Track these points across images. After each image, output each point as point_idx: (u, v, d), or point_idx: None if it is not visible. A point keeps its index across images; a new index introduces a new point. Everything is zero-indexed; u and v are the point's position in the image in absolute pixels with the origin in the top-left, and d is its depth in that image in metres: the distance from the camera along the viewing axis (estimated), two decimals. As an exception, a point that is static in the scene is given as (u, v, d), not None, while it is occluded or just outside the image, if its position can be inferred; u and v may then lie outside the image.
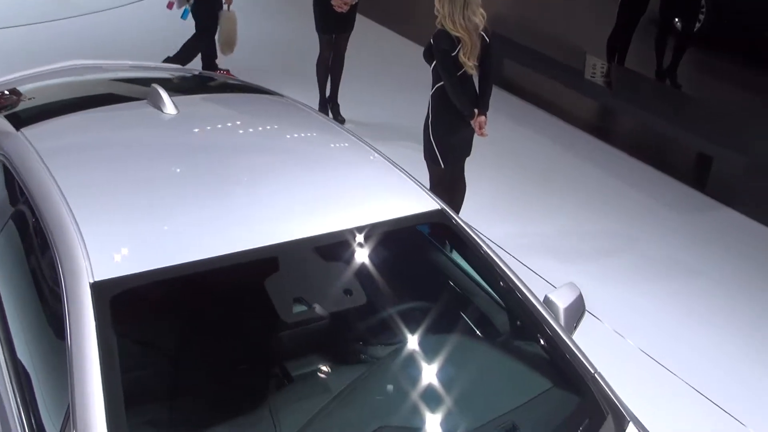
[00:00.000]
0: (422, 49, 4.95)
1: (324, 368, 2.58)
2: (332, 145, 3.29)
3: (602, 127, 8.08)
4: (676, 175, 6.95)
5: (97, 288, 2.33)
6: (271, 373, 2.53)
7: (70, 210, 2.56)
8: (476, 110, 4.88)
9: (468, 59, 4.73)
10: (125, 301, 2.35)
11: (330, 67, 7.14)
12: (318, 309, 2.64)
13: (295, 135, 3.39)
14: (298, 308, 2.71)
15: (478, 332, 2.86)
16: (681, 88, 8.58)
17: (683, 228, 6.19)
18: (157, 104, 3.34)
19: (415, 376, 2.61)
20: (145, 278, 2.39)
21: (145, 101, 3.44)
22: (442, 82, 4.83)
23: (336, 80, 7.23)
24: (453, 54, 4.70)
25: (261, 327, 2.60)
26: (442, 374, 2.63)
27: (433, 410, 2.50)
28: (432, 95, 4.93)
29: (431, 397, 2.54)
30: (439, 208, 2.92)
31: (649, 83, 8.38)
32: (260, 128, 3.40)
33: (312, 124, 3.52)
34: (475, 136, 5.01)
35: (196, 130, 3.27)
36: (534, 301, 2.78)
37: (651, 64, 8.79)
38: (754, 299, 5.34)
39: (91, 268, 2.38)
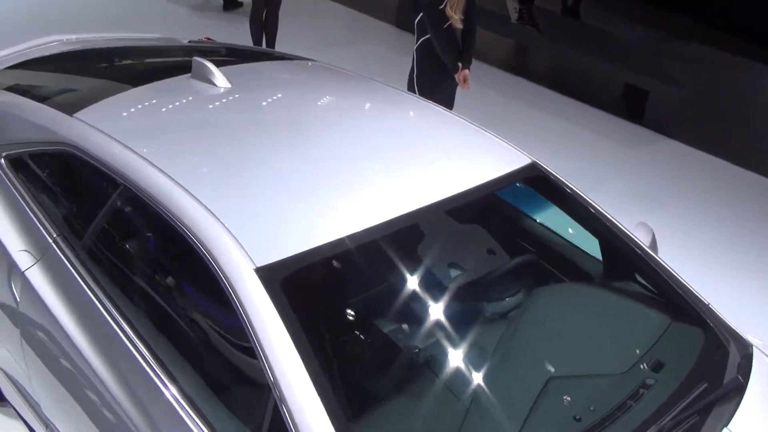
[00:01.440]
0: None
1: (483, 325, 2.60)
2: (413, 111, 3.23)
3: (537, 71, 8.28)
4: (615, 112, 7.25)
5: (264, 273, 2.23)
6: (439, 333, 2.51)
7: (197, 199, 2.41)
8: (460, 64, 4.91)
9: (454, 12, 4.77)
10: (294, 283, 2.26)
11: (264, 25, 6.94)
12: (470, 268, 2.65)
13: (368, 101, 3.30)
14: (451, 269, 2.70)
15: (597, 277, 2.94)
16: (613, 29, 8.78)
17: (637, 162, 6.49)
18: (207, 78, 3.16)
19: (559, 325, 2.66)
20: (306, 258, 2.30)
21: (187, 76, 3.25)
22: (426, 36, 4.84)
23: (271, 39, 7.04)
24: (440, 7, 4.71)
25: (422, 290, 2.57)
26: (581, 321, 2.69)
27: (585, 356, 2.57)
28: (416, 49, 4.94)
29: (579, 344, 2.59)
30: (531, 161, 2.95)
31: (576, 24, 8.60)
32: (328, 98, 3.29)
33: (376, 89, 3.44)
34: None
35: (264, 103, 3.12)
36: (637, 241, 2.88)
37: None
38: (718, 225, 5.69)
39: (249, 256, 2.26)
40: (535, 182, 2.93)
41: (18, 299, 2.82)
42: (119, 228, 2.72)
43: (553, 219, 2.99)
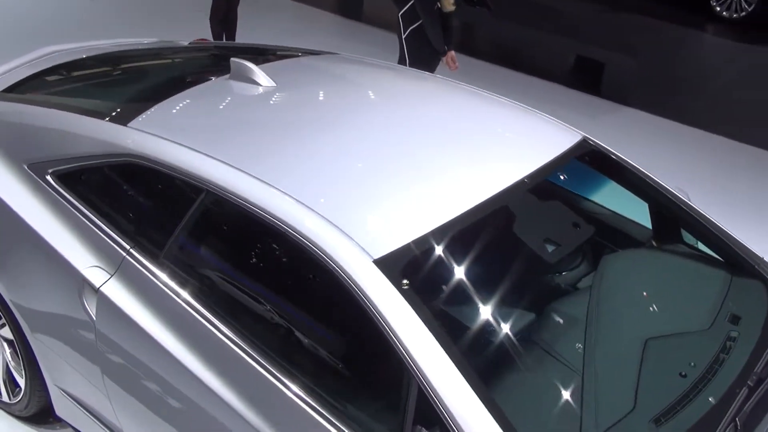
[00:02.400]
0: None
1: (579, 296, 2.69)
2: (462, 96, 3.29)
3: (487, 49, 8.42)
4: (571, 84, 7.45)
5: (383, 264, 2.26)
6: (546, 306, 2.60)
7: (297, 200, 2.42)
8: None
9: None
10: (413, 270, 2.29)
11: (224, 22, 6.87)
12: (561, 242, 2.74)
13: (416, 89, 3.34)
14: (547, 243, 2.77)
15: (658, 242, 3.07)
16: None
17: (598, 130, 6.66)
18: (249, 78, 3.14)
19: (638, 290, 2.77)
20: (418, 245, 2.33)
21: (225, 78, 3.23)
22: (414, 26, 5.11)
23: (231, 35, 6.98)
24: None
25: (525, 266, 2.65)
26: (656, 284, 2.82)
27: (669, 317, 2.69)
28: (405, 39, 5.23)
29: (660, 306, 2.72)
30: (582, 136, 3.06)
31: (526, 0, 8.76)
32: (377, 88, 3.31)
33: (417, 76, 3.49)
34: None
35: (320, 98, 3.13)
36: (690, 204, 3.02)
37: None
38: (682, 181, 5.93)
39: (365, 249, 2.29)
40: (590, 156, 3.04)
41: (94, 317, 2.76)
42: (208, 233, 2.70)
43: (609, 189, 3.11)
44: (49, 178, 2.98)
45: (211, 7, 6.78)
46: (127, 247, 2.74)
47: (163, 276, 2.64)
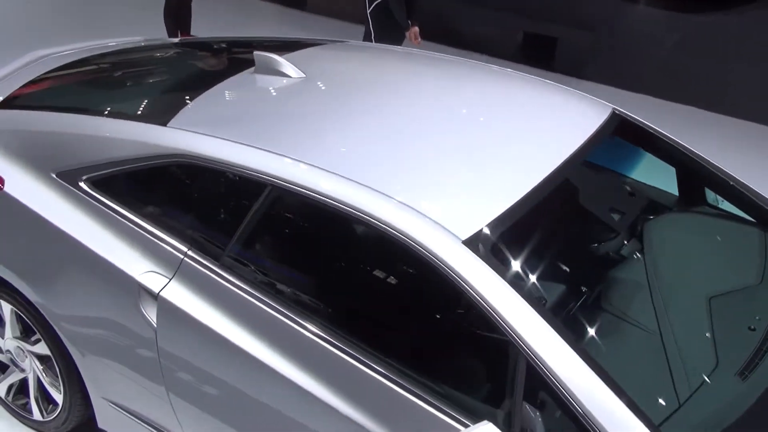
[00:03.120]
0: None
1: (640, 262, 2.77)
2: (492, 75, 3.32)
3: (433, 30, 8.45)
4: (524, 61, 7.57)
5: (471, 244, 2.28)
6: (619, 273, 2.67)
7: (372, 189, 2.41)
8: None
9: None
10: (500, 247, 2.32)
11: (176, 17, 6.73)
12: (622, 211, 2.81)
13: (446, 72, 3.35)
14: (611, 213, 2.83)
15: (694, 206, 3.17)
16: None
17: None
18: (276, 71, 3.10)
19: (688, 249, 2.88)
20: (501, 222, 2.36)
21: (250, 71, 3.18)
22: (379, 0, 5.36)
23: (186, 30, 6.84)
24: None
25: (597, 234, 2.73)
26: (704, 245, 2.93)
27: (722, 274, 2.81)
28: (371, 14, 5.46)
29: (711, 265, 2.83)
30: (612, 108, 3.13)
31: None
32: (408, 73, 3.30)
33: (436, 59, 3.51)
34: None
35: (357, 86, 3.10)
36: (717, 167, 3.14)
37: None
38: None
39: (451, 232, 2.30)
40: (626, 126, 3.12)
41: (155, 323, 2.70)
42: (276, 228, 2.66)
43: (637, 157, 3.20)
44: (83, 185, 2.88)
45: (165, 2, 6.64)
46: (184, 248, 2.68)
47: (230, 274, 2.59)
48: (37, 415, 3.33)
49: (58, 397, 3.21)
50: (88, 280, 2.84)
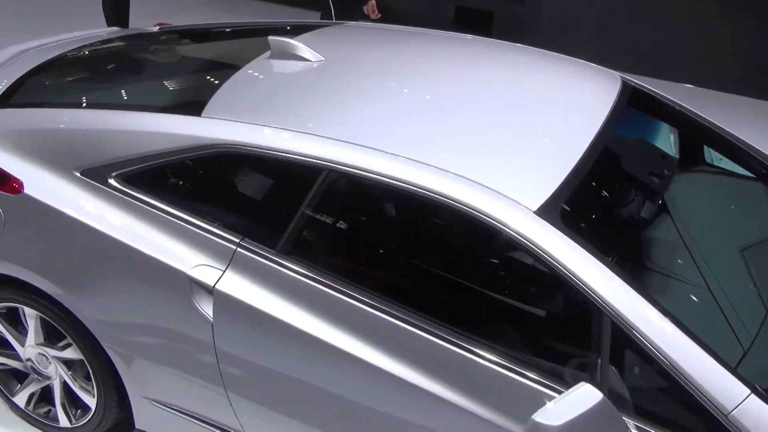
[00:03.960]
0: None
1: (667, 221, 2.89)
2: (508, 51, 3.39)
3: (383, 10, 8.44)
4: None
5: (544, 214, 2.34)
6: (667, 229, 2.81)
7: (436, 167, 2.45)
8: None
9: None
10: (570, 212, 2.39)
11: (116, 3, 6.52)
12: (661, 172, 2.93)
13: (458, 47, 3.40)
14: (650, 175, 2.94)
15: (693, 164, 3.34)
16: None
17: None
18: (294, 55, 3.09)
19: (709, 205, 3.04)
20: (564, 188, 2.43)
21: (265, 57, 3.15)
22: None
23: (126, 17, 6.62)
24: None
25: (643, 195, 2.85)
26: (720, 200, 3.09)
27: (747, 226, 2.96)
28: None
29: (735, 218, 2.99)
30: (619, 75, 3.27)
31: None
32: (425, 51, 3.32)
33: (435, 35, 3.57)
34: None
35: (384, 66, 3.11)
36: (722, 127, 3.32)
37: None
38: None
39: (522, 204, 2.37)
40: (640, 93, 3.25)
41: (211, 318, 2.66)
42: (337, 211, 2.65)
43: (641, 121, 3.34)
44: (113, 182, 2.81)
45: None
46: (236, 239, 2.65)
47: (289, 261, 2.58)
48: (64, 422, 3.24)
49: (90, 401, 3.13)
50: (130, 279, 2.78)
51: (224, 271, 2.64)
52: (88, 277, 2.84)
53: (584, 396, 2.13)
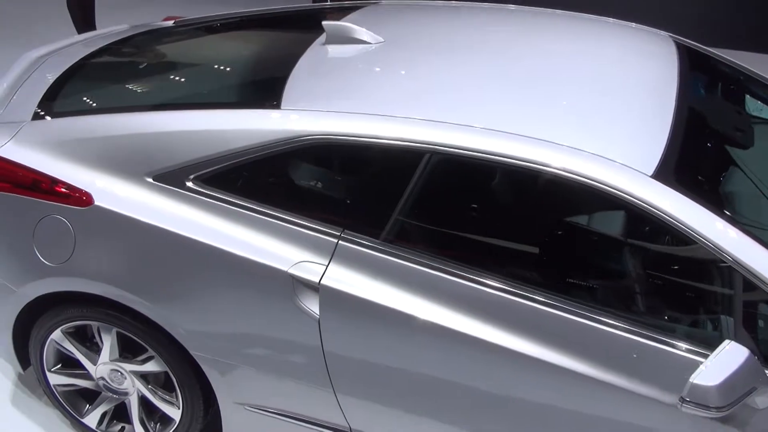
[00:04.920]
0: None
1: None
2: (558, 18, 3.38)
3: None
4: None
5: (660, 177, 2.36)
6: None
7: (543, 140, 2.43)
8: None
9: None
10: (681, 172, 2.42)
11: (83, 4, 6.25)
12: (742, 126, 2.96)
13: (508, 17, 3.36)
14: (735, 130, 2.97)
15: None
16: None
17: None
18: (351, 38, 3.01)
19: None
20: (670, 150, 2.46)
21: (320, 42, 3.06)
22: None
23: (92, 17, 6.36)
24: None
25: (732, 144, 2.88)
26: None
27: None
28: None
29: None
30: (667, 34, 3.31)
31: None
32: (481, 23, 3.29)
33: (479, 7, 3.56)
34: None
35: (447, 43, 3.05)
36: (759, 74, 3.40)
37: None
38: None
39: (638, 170, 2.37)
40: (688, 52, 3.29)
41: (317, 314, 2.60)
42: (445, 194, 2.61)
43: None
44: (191, 184, 2.70)
45: None
46: (337, 232, 2.59)
47: (398, 249, 2.53)
48: (142, 437, 3.13)
49: (174, 412, 3.03)
50: (224, 284, 2.68)
51: (327, 266, 2.58)
52: (177, 286, 2.73)
53: (733, 353, 2.18)
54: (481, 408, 2.59)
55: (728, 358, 2.17)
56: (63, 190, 2.77)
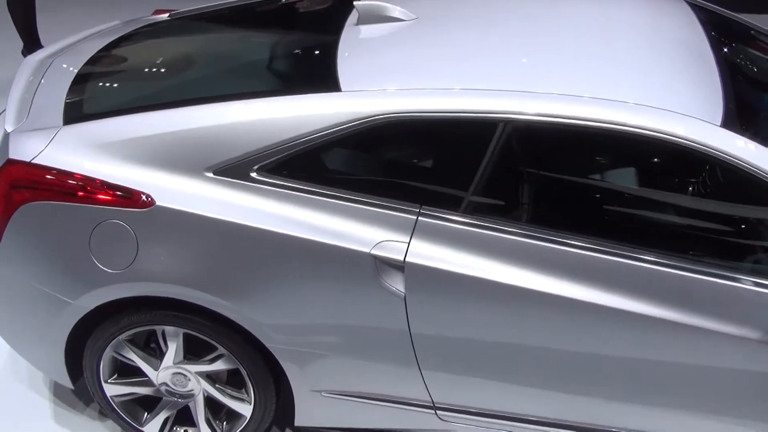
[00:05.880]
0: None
1: None
2: None
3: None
4: None
5: (728, 125, 2.49)
6: None
7: (617, 100, 2.52)
8: None
9: None
10: (745, 120, 2.56)
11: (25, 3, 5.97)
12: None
13: None
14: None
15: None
16: None
17: None
18: (386, 17, 3.00)
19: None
20: (729, 98, 2.60)
21: (352, 24, 3.04)
22: None
23: (33, 16, 6.08)
24: None
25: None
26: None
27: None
28: None
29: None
30: None
31: None
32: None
33: None
34: None
35: (484, 16, 3.08)
36: None
37: None
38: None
39: (709, 122, 2.49)
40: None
41: (403, 292, 2.61)
42: (521, 161, 2.65)
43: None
44: (255, 175, 2.65)
45: None
46: (415, 209, 2.60)
47: (478, 220, 2.57)
48: (209, 437, 3.07)
49: (245, 409, 2.98)
50: (303, 273, 2.65)
51: (409, 243, 2.59)
52: (251, 280, 2.68)
53: None
54: (571, 372, 2.67)
55: None
56: (119, 193, 2.67)
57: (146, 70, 3.22)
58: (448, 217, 2.59)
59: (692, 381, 2.64)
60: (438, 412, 2.86)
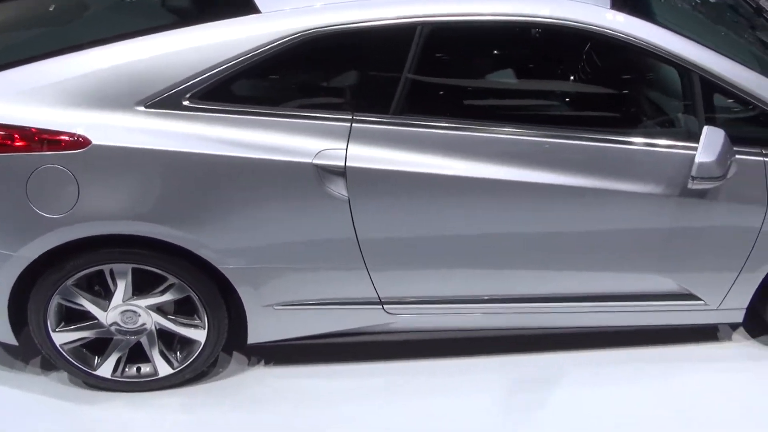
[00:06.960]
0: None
1: None
2: None
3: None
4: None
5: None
6: None
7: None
8: None
9: None
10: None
11: None
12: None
13: None
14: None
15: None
16: None
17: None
18: None
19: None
20: None
21: None
22: None
23: None
24: None
25: None
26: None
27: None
28: None
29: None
30: None
31: None
32: None
33: None
34: None
35: None
36: None
37: None
38: None
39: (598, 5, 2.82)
40: None
41: (347, 195, 2.79)
42: (443, 60, 2.86)
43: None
44: (188, 103, 2.73)
45: None
46: (348, 116, 2.77)
47: (408, 119, 2.78)
48: (165, 370, 3.13)
49: (199, 334, 3.07)
50: (251, 192, 2.76)
51: (347, 149, 2.76)
52: (198, 206, 2.76)
53: (715, 134, 2.74)
54: (500, 247, 2.97)
55: (713, 138, 2.71)
56: (52, 137, 2.66)
57: (56, 15, 3.15)
58: (379, 120, 2.77)
59: (603, 241, 3.00)
60: (384, 306, 3.08)
